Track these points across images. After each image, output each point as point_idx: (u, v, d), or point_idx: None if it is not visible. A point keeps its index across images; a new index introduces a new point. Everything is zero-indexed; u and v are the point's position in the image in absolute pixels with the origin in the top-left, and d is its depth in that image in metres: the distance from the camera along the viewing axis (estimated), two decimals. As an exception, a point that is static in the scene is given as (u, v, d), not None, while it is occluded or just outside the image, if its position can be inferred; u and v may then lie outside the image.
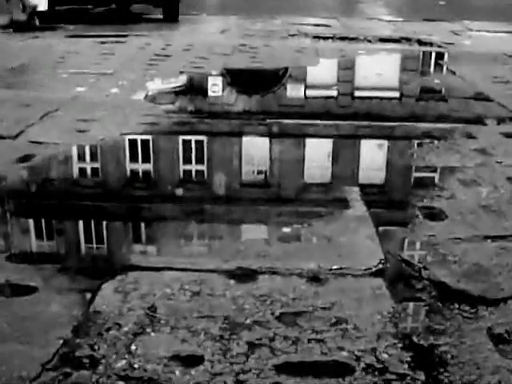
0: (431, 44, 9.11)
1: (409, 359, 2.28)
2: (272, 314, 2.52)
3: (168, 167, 4.46)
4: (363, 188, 3.91)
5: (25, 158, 4.24)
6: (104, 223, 3.52)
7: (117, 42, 8.64)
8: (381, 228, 3.30)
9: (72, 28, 9.93)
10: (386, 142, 5.02)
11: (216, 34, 9.92)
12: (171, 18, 11.15)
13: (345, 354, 2.29)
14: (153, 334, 2.39)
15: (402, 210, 3.60)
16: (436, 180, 4.05)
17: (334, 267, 2.87)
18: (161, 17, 11.25)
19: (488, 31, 10.43)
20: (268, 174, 4.29)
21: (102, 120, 5.02)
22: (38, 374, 2.17)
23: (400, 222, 3.42)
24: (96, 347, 2.31)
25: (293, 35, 9.69)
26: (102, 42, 8.54)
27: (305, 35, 9.63)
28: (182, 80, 6.73)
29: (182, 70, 7.03)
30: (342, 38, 9.36)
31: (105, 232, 3.46)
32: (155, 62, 7.41)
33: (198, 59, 7.61)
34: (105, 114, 5.19)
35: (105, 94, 5.87)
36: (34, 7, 9.79)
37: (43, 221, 3.53)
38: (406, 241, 3.21)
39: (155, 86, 6.37)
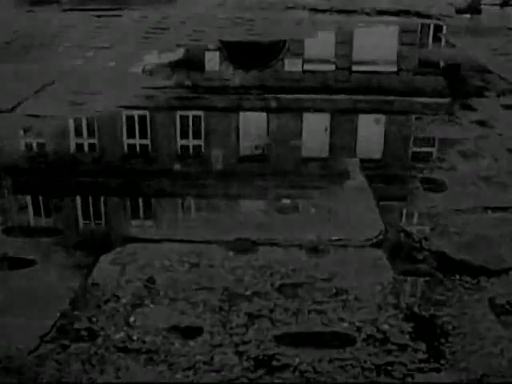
0: (430, 17, 9.02)
1: (410, 330, 2.26)
2: (272, 285, 2.50)
3: (165, 142, 4.41)
4: (363, 161, 3.87)
5: (21, 131, 4.20)
6: (102, 197, 3.49)
7: (113, 15, 8.53)
8: (381, 199, 3.28)
9: (67, 1, 9.80)
10: (384, 116, 4.97)
11: (213, 7, 9.80)
12: (167, -9, 11.04)
13: (345, 324, 2.28)
14: (151, 305, 2.37)
15: (402, 181, 3.57)
16: (436, 152, 4.01)
17: (334, 238, 2.85)
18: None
19: (486, 4, 10.32)
20: (267, 148, 4.24)
21: (98, 93, 4.96)
22: (36, 347, 2.15)
23: (400, 193, 3.39)
24: (94, 319, 2.29)
25: (290, 8, 9.57)
26: (98, 16, 8.43)
27: (302, 8, 9.52)
28: (179, 53, 6.65)
29: (179, 43, 6.95)
30: (340, 11, 9.25)
31: (102, 206, 3.42)
32: (152, 35, 7.32)
33: (195, 32, 7.52)
34: (101, 87, 5.13)
35: (101, 68, 5.80)
36: None
37: (41, 195, 3.49)
38: (406, 212, 3.18)
39: (152, 59, 6.29)
